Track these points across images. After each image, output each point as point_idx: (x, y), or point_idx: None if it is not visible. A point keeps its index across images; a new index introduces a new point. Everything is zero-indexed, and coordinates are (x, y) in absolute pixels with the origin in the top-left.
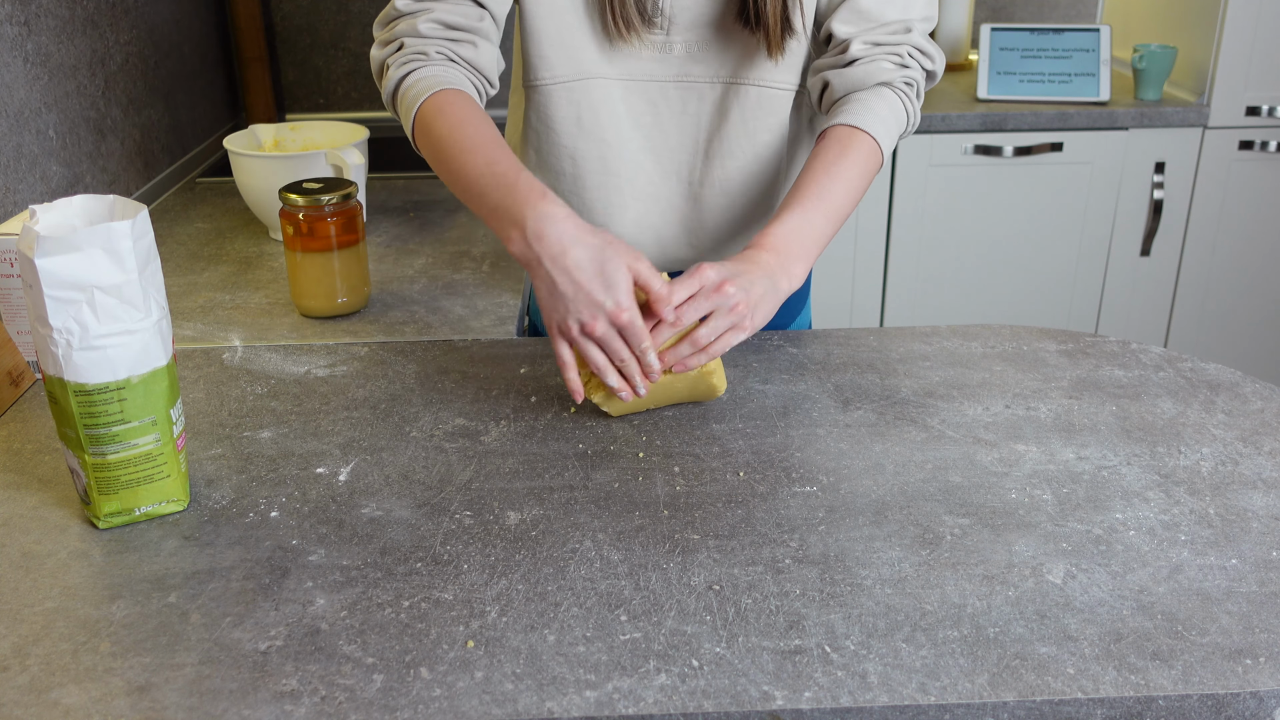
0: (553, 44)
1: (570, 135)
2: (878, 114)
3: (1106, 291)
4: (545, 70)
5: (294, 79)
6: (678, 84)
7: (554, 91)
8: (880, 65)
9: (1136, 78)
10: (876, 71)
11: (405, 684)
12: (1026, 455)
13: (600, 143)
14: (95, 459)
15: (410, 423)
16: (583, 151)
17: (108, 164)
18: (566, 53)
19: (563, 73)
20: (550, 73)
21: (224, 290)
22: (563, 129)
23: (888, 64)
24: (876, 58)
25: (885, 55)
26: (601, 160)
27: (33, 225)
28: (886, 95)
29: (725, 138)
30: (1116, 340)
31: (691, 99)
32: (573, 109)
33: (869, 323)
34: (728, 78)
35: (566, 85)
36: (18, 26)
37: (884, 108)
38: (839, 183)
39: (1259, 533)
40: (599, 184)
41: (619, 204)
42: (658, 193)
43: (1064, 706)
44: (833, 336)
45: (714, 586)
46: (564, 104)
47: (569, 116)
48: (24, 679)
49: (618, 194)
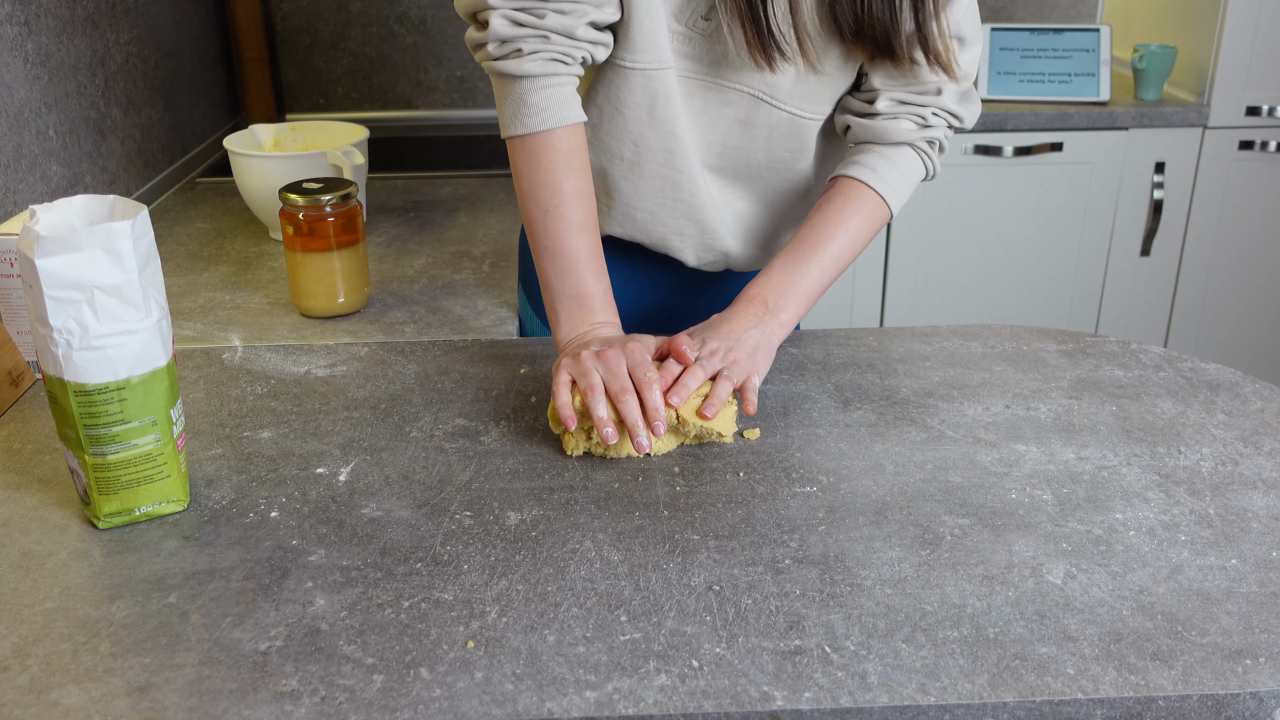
0: (642, 30)
1: (639, 122)
2: (889, 175)
3: (1106, 291)
4: (628, 53)
5: (294, 79)
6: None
7: (633, 77)
8: (901, 125)
9: (1136, 78)
10: (896, 130)
11: (405, 684)
12: (1026, 455)
13: (667, 134)
14: (95, 459)
15: (410, 423)
16: (648, 140)
17: (108, 164)
18: (653, 39)
19: (645, 60)
20: (634, 57)
21: (224, 290)
22: (632, 115)
23: (909, 124)
24: (900, 116)
25: (909, 115)
26: (666, 151)
27: (33, 225)
28: (905, 153)
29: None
30: (1116, 340)
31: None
32: (646, 96)
33: (869, 323)
34: (810, 114)
35: (645, 72)
36: (18, 26)
37: (900, 168)
38: (838, 234)
39: (1259, 533)
40: (658, 174)
41: (673, 197)
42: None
43: (1064, 707)
44: (833, 336)
45: (714, 587)
46: (639, 90)
47: (642, 103)
48: (24, 679)
49: (673, 187)
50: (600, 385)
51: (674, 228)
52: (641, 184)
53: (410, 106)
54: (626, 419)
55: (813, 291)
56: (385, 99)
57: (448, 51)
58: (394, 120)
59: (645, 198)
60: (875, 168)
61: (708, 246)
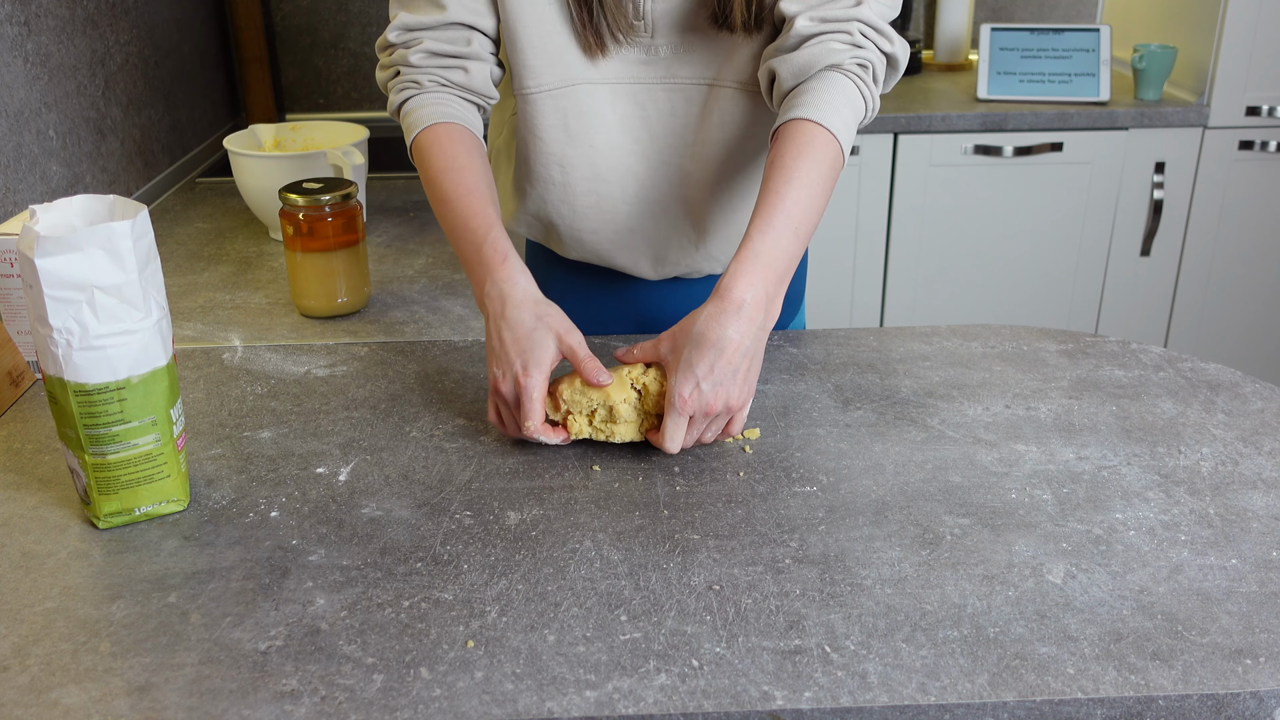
0: (536, 52)
1: (559, 143)
2: (831, 104)
3: (1106, 291)
4: (530, 79)
5: (294, 79)
6: (665, 85)
7: (539, 99)
8: (828, 45)
9: (1136, 78)
10: (824, 54)
11: (405, 684)
12: (1026, 455)
13: (589, 149)
14: (95, 459)
15: (410, 423)
16: (571, 158)
17: (108, 164)
18: (550, 60)
19: (547, 80)
20: (535, 81)
21: (224, 290)
22: (550, 136)
23: (836, 44)
24: (824, 38)
25: (833, 34)
26: (591, 166)
27: (33, 225)
28: (838, 81)
29: (711, 141)
30: (1116, 340)
31: (679, 100)
32: (559, 116)
33: (869, 323)
34: (711, 79)
35: (552, 93)
36: (18, 26)
37: (837, 96)
38: (801, 191)
39: (1259, 533)
40: (589, 190)
41: (610, 209)
42: (648, 195)
43: (1064, 706)
44: (833, 336)
45: (714, 586)
46: (550, 112)
47: (556, 124)
48: (24, 679)
49: (609, 199)
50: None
51: (619, 242)
52: (577, 204)
53: None
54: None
55: (791, 265)
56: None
57: None
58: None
59: (584, 217)
60: (811, 103)
61: (661, 258)
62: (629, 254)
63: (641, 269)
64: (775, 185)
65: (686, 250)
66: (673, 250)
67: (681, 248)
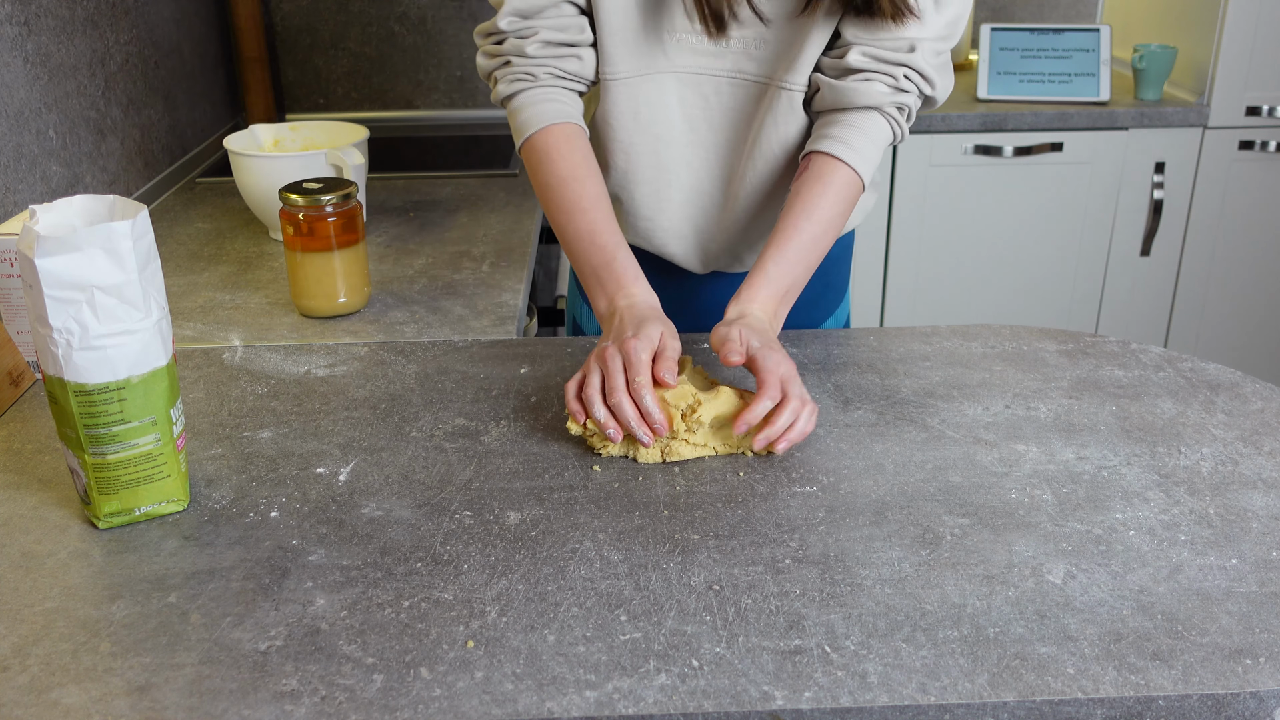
0: (615, 41)
1: (626, 130)
2: (861, 145)
3: (1106, 291)
4: (608, 67)
5: (294, 79)
6: (730, 79)
7: (615, 87)
8: (873, 86)
9: (1136, 78)
10: (868, 93)
11: (405, 684)
12: (1026, 455)
13: (654, 138)
14: (95, 459)
15: (410, 423)
16: (637, 146)
17: (108, 164)
18: (628, 49)
19: (624, 69)
20: (613, 69)
21: (224, 290)
22: (619, 124)
23: (881, 85)
24: (871, 77)
25: (881, 76)
26: (654, 155)
27: (33, 225)
28: (874, 119)
29: (763, 139)
30: (1116, 340)
31: (740, 95)
32: (630, 104)
33: (869, 323)
34: (768, 77)
35: (626, 81)
36: (18, 26)
37: (869, 135)
38: (819, 227)
39: (1259, 533)
40: (649, 178)
41: (666, 197)
42: (701, 187)
43: (1064, 706)
44: (833, 336)
45: (714, 586)
46: (623, 99)
47: (626, 111)
48: (24, 679)
49: (666, 188)
50: (598, 391)
51: (672, 231)
52: (636, 191)
53: (410, 106)
54: (622, 424)
55: (798, 291)
56: (385, 99)
57: (448, 51)
58: (394, 120)
59: (641, 204)
60: (845, 140)
61: (705, 248)
62: (680, 244)
63: (690, 261)
64: (795, 219)
65: (732, 245)
66: (717, 243)
67: (727, 243)
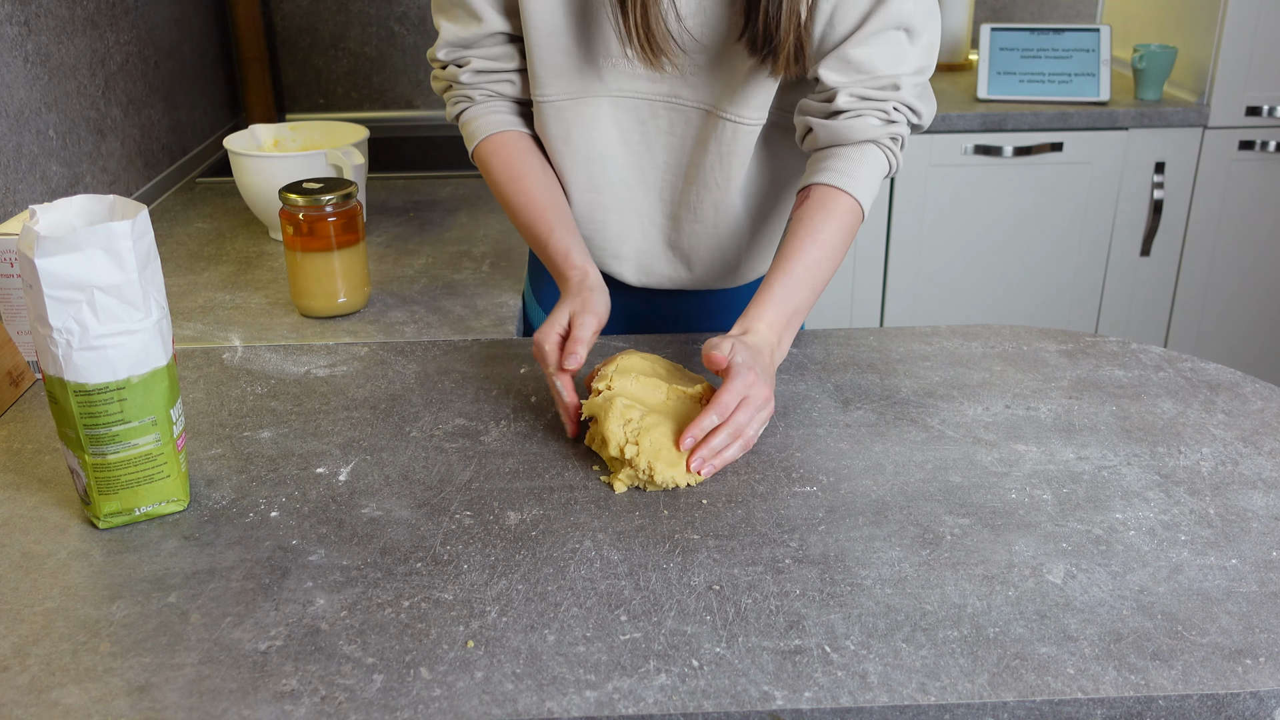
0: (545, 65)
1: (557, 151)
2: (860, 176)
3: (1106, 291)
4: (539, 89)
5: (294, 79)
6: (666, 104)
7: (545, 109)
8: (866, 121)
9: (1136, 78)
10: (862, 128)
11: (405, 684)
12: (1026, 455)
13: (586, 159)
14: (95, 459)
15: (410, 423)
16: (569, 168)
17: (108, 164)
18: (559, 73)
19: (553, 92)
20: (543, 91)
21: (224, 290)
22: (551, 145)
23: (874, 120)
24: (863, 113)
25: (872, 111)
26: (587, 176)
27: (33, 225)
28: (871, 152)
29: (703, 166)
30: (1116, 340)
31: (678, 121)
32: (561, 126)
33: (869, 323)
34: (709, 106)
35: (555, 104)
36: (18, 26)
37: (867, 167)
38: (823, 252)
39: (1259, 533)
40: (583, 199)
41: (601, 219)
42: (640, 209)
43: (1064, 706)
44: (833, 336)
45: (714, 586)
46: (553, 121)
47: (558, 134)
48: (24, 679)
49: (600, 210)
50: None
51: (609, 250)
52: (574, 210)
53: (410, 106)
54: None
55: (801, 315)
56: (385, 99)
57: None
58: (394, 120)
59: (580, 221)
60: (845, 171)
61: (646, 269)
62: (617, 263)
63: (629, 278)
64: (800, 243)
65: (672, 266)
66: (657, 264)
67: (668, 263)
